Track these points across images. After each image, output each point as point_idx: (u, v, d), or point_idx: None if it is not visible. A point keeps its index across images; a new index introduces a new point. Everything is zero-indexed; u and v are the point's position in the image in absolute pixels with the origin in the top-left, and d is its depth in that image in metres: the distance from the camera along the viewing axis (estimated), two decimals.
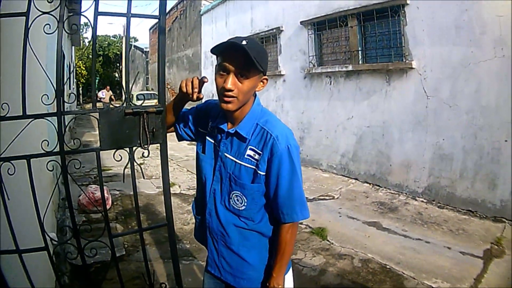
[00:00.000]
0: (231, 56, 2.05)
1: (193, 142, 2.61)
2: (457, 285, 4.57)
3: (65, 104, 2.35)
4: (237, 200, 2.26)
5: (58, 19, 2.14)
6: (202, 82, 2.19)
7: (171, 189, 2.63)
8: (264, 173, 2.17)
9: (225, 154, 2.29)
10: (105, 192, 7.09)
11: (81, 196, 6.91)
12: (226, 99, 2.10)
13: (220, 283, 2.51)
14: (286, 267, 2.30)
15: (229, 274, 2.39)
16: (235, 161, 2.24)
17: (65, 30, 2.28)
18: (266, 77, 2.23)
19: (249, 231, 2.30)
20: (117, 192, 8.35)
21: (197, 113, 2.56)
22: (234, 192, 2.26)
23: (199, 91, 2.23)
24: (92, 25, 2.20)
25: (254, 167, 2.19)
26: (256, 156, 2.18)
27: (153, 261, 5.09)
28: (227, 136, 2.29)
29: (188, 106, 2.49)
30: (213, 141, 2.40)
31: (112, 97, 27.41)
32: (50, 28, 2.28)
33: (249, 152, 2.21)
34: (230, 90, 2.06)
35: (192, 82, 2.21)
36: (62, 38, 2.20)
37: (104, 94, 27.35)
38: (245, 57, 1.98)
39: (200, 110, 2.57)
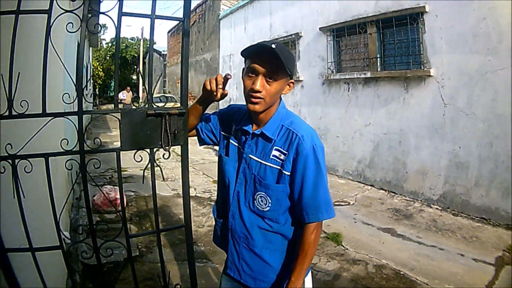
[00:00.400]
0: (262, 59, 2.10)
1: (209, 146, 2.64)
2: None
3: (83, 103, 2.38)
4: (262, 201, 2.28)
5: (81, 18, 2.17)
6: (226, 79, 2.24)
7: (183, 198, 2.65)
8: (289, 173, 2.20)
9: (250, 155, 2.32)
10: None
11: (96, 196, 6.96)
12: (253, 100, 2.15)
13: (238, 286, 2.52)
14: (306, 270, 2.28)
15: (250, 277, 2.40)
16: (260, 162, 2.27)
17: (88, 30, 2.32)
18: (292, 80, 2.28)
19: (273, 233, 2.32)
20: (132, 193, 8.43)
21: (220, 116, 2.59)
22: (259, 193, 2.28)
23: (223, 88, 2.28)
24: (116, 25, 2.24)
25: (279, 167, 2.22)
26: (282, 157, 2.21)
27: (167, 263, 5.10)
28: (252, 138, 2.32)
29: (210, 110, 2.52)
30: (237, 144, 2.43)
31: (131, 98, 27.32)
32: (73, 27, 2.31)
33: (274, 152, 2.24)
34: (259, 92, 2.11)
35: (216, 79, 2.24)
36: (84, 37, 2.24)
37: (125, 95, 26.93)
38: (275, 60, 2.03)
39: (223, 114, 2.60)
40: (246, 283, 2.43)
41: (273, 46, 2.04)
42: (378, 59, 9.20)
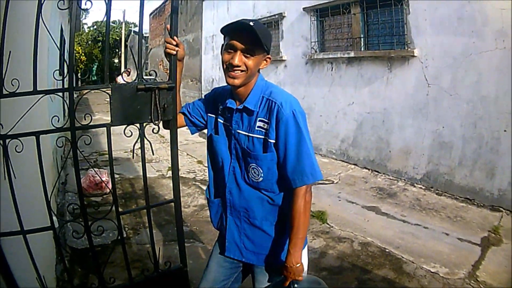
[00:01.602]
0: (240, 35, 2.18)
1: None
2: (455, 270, 4.62)
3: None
4: (254, 172, 2.33)
5: None
6: (166, 28, 2.49)
7: (169, 172, 2.67)
8: (274, 141, 2.24)
9: (238, 131, 2.36)
10: (105, 175, 7.13)
11: (82, 179, 6.93)
12: (232, 73, 2.23)
13: (233, 261, 2.58)
14: (303, 242, 2.30)
15: (252, 253, 2.45)
16: (248, 135, 2.32)
17: (79, 7, 2.31)
18: (269, 56, 2.35)
19: (271, 204, 2.37)
20: (117, 176, 8.36)
21: (205, 100, 2.67)
22: (251, 165, 2.33)
23: (177, 45, 2.48)
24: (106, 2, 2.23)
25: (263, 137, 2.27)
26: (265, 126, 2.26)
27: (155, 243, 5.08)
28: (236, 113, 2.36)
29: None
30: (224, 122, 2.48)
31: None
32: (64, 3, 2.29)
33: (258, 123, 2.29)
34: (238, 66, 2.19)
35: (168, 43, 2.47)
36: (75, 15, 2.23)
37: (125, 79, 25.76)
38: (252, 36, 2.11)
39: (208, 97, 2.67)
40: (248, 261, 2.48)
41: (251, 23, 2.12)
42: (362, 39, 9.19)
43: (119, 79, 25.25)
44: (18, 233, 2.18)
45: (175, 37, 2.45)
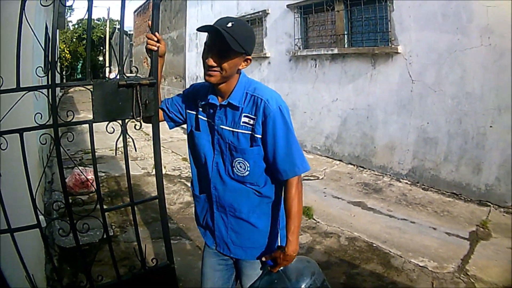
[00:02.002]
0: (213, 37, 2.20)
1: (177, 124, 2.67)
2: (444, 264, 4.65)
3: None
4: (240, 166, 2.35)
5: None
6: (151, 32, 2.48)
7: (154, 170, 2.67)
8: (260, 136, 2.28)
9: (221, 126, 2.37)
10: (91, 173, 7.09)
11: (67, 178, 6.89)
12: (208, 72, 2.24)
13: (227, 262, 2.62)
14: (299, 229, 2.37)
15: (239, 248, 2.48)
16: (232, 130, 2.34)
17: (61, 3, 2.28)
18: (250, 57, 2.33)
19: (256, 196, 2.40)
20: (102, 174, 8.36)
21: (184, 96, 2.67)
22: (236, 159, 2.35)
23: (158, 41, 2.48)
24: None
25: (250, 132, 2.30)
26: (251, 122, 2.29)
27: (142, 241, 5.05)
28: (220, 109, 2.37)
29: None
30: (206, 118, 2.48)
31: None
32: (46, 1, 2.27)
33: (243, 119, 2.31)
34: (212, 66, 2.21)
35: (149, 38, 2.47)
36: (57, 11, 2.20)
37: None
38: (224, 41, 2.08)
39: (187, 93, 2.67)
40: (236, 256, 2.51)
41: (229, 24, 2.13)
42: (346, 36, 9.21)
43: (112, 75, 25.39)
44: (6, 232, 2.16)
45: (156, 33, 2.45)
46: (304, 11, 10.35)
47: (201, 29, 2.17)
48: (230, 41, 2.08)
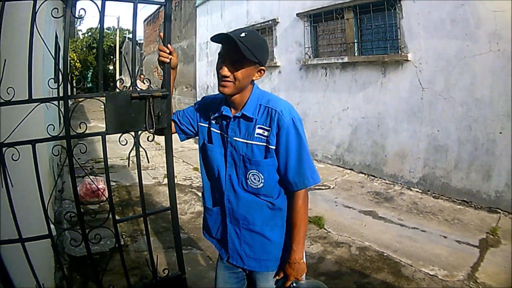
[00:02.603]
0: (226, 47, 2.23)
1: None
2: (454, 272, 4.62)
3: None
4: (254, 178, 2.36)
5: (65, 5, 2.17)
6: (159, 37, 2.45)
7: (166, 179, 2.68)
8: (274, 147, 2.29)
9: (234, 138, 2.38)
10: (102, 183, 7.11)
11: (78, 187, 6.90)
12: (222, 83, 2.27)
13: (238, 275, 2.64)
14: (304, 239, 2.40)
15: (253, 260, 2.48)
16: (246, 142, 2.35)
17: (73, 15, 2.31)
18: (263, 68, 2.35)
19: (270, 209, 2.41)
20: (113, 184, 8.36)
21: (196, 108, 2.68)
22: (251, 171, 2.36)
23: (170, 53, 2.47)
24: (100, 9, 2.23)
25: (264, 144, 2.31)
26: (266, 133, 2.30)
27: (153, 251, 5.05)
28: (234, 120, 2.38)
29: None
30: (219, 131, 2.49)
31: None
32: (58, 12, 2.29)
33: (258, 131, 2.32)
34: (226, 76, 2.23)
35: (161, 51, 2.46)
36: (69, 23, 2.22)
37: (139, 86, 25.24)
38: (238, 49, 2.10)
39: (199, 106, 2.68)
40: (250, 268, 2.51)
41: (243, 34, 2.16)
42: (355, 44, 9.19)
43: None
44: (17, 241, 2.18)
45: (168, 45, 2.45)
46: (313, 20, 10.36)
47: (214, 38, 2.20)
48: (243, 49, 2.09)
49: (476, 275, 4.56)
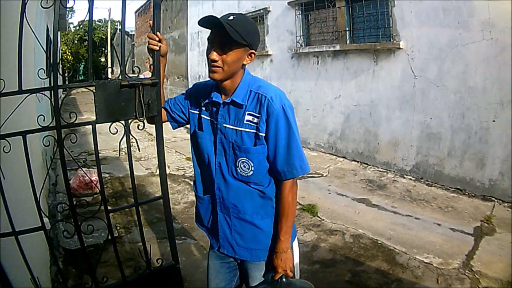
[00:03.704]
0: (214, 30, 2.19)
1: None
2: (449, 260, 4.63)
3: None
4: (244, 166, 2.32)
5: None
6: (153, 32, 2.43)
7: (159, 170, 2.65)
8: (264, 134, 2.25)
9: (224, 125, 2.35)
10: (95, 175, 7.09)
11: (71, 179, 6.89)
12: (212, 68, 2.23)
13: (230, 264, 2.62)
14: (291, 230, 2.39)
15: (244, 249, 2.46)
16: (236, 129, 2.31)
17: (62, 4, 2.28)
18: (254, 51, 2.30)
19: (261, 198, 2.38)
20: (106, 175, 8.35)
21: (186, 96, 2.65)
22: (240, 159, 2.32)
23: (159, 41, 2.42)
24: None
25: (254, 131, 2.27)
26: (255, 120, 2.27)
27: (147, 241, 5.04)
28: (223, 107, 2.35)
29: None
30: (209, 117, 2.46)
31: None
32: (47, 2, 2.26)
33: (247, 117, 2.29)
34: (215, 61, 2.19)
35: (151, 38, 2.42)
36: (59, 11, 2.20)
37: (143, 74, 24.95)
38: (225, 32, 2.07)
39: (190, 92, 2.65)
40: (241, 257, 2.49)
41: (231, 17, 2.13)
42: (347, 32, 9.18)
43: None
44: (10, 234, 2.15)
45: (157, 33, 2.42)
46: (305, 8, 10.32)
47: (202, 22, 2.16)
48: (231, 32, 2.06)
49: (471, 263, 4.57)
